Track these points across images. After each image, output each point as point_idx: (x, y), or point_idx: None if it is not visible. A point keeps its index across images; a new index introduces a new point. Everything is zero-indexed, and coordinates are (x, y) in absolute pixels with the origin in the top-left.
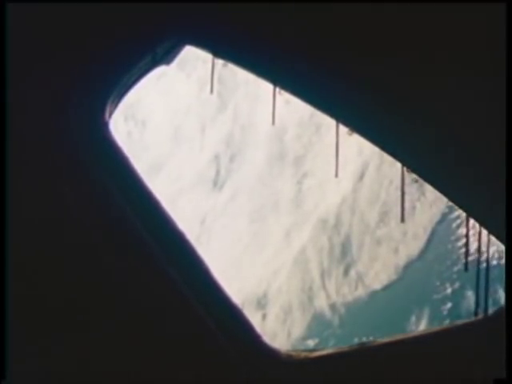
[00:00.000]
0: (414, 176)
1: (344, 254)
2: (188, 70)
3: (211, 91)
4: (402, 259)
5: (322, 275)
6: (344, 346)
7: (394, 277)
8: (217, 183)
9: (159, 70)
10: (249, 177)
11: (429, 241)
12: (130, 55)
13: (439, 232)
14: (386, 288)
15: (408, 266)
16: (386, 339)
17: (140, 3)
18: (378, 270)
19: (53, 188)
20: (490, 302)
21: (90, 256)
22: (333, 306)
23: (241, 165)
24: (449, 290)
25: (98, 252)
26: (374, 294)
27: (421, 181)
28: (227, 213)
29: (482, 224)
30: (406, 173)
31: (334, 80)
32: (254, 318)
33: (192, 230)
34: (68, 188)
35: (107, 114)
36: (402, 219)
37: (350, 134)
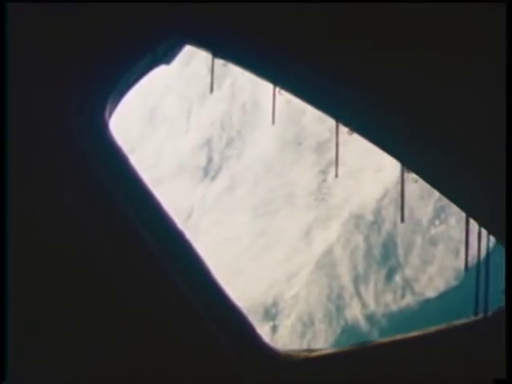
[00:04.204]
0: (414, 176)
1: (386, 257)
2: None
3: (211, 90)
4: (464, 262)
5: (356, 281)
6: (344, 346)
7: (453, 283)
8: (208, 172)
9: None
10: (252, 165)
11: None
12: (130, 55)
13: None
14: (442, 296)
15: (472, 269)
16: (385, 339)
17: (140, 3)
18: (433, 274)
19: (53, 187)
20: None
21: (89, 255)
22: (371, 317)
23: (241, 151)
24: None
25: (97, 251)
26: (426, 303)
27: None
28: (221, 207)
29: (482, 224)
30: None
31: (334, 80)
32: (259, 331)
33: None
34: (68, 187)
35: (107, 114)
36: (402, 219)
37: (350, 134)
